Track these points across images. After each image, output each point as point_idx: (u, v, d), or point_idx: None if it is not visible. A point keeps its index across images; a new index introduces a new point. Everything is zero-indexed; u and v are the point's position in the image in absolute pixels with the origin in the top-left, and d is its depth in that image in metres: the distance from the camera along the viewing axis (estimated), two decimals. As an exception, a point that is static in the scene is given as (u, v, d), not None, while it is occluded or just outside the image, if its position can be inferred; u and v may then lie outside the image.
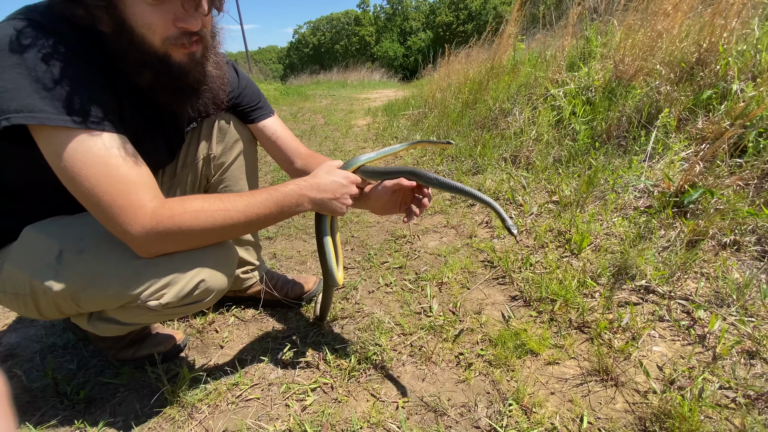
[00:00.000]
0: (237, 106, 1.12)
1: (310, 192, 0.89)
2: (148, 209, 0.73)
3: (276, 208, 0.85)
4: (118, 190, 0.71)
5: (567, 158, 2.20)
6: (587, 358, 1.05)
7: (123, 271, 0.80)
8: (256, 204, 0.83)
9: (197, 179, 1.14)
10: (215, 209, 0.78)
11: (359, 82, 11.98)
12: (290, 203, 0.87)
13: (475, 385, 0.99)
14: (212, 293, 0.89)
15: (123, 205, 0.72)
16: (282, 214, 0.87)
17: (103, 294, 0.80)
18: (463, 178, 2.28)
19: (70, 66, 0.69)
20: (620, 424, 0.86)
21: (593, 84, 2.60)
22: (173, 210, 0.75)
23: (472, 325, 1.19)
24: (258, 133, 1.17)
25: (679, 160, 1.79)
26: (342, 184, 0.93)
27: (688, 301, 1.18)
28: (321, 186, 0.91)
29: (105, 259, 0.80)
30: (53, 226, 0.84)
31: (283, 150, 1.16)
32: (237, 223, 0.81)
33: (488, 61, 3.80)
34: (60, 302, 0.81)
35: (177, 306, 0.85)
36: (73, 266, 0.79)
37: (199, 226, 0.77)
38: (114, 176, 0.71)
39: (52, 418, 0.96)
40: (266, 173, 2.88)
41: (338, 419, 0.92)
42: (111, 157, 0.72)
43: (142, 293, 0.80)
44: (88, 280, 0.79)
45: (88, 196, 0.71)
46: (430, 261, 1.57)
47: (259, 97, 1.16)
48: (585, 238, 1.49)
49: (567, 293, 1.24)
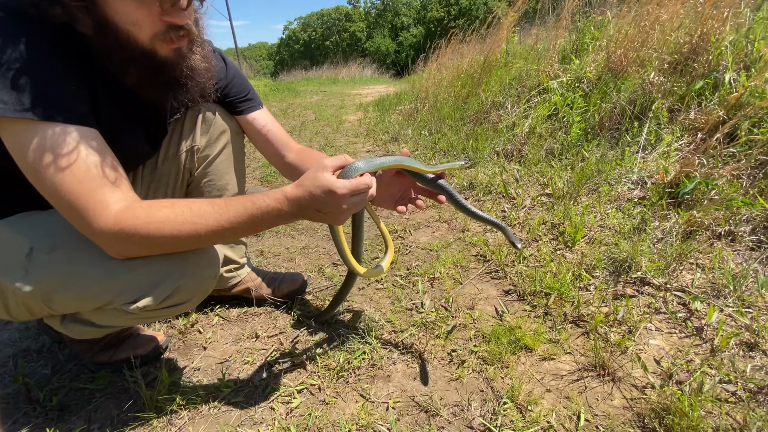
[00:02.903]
0: (225, 97, 1.06)
1: (292, 208, 0.72)
2: (111, 211, 0.68)
3: (250, 223, 0.73)
4: (81, 189, 0.67)
5: (560, 150, 2.17)
6: (583, 353, 1.02)
7: (98, 273, 0.75)
8: (228, 218, 0.72)
9: (180, 173, 1.08)
10: (182, 221, 0.70)
11: (350, 78, 11.88)
12: (267, 219, 0.73)
13: (468, 383, 0.96)
14: (193, 297, 0.85)
15: (86, 205, 0.67)
16: (257, 229, 0.78)
17: (76, 296, 0.76)
18: (455, 172, 2.25)
19: (37, 55, 0.65)
20: (618, 421, 0.83)
21: (586, 76, 2.57)
22: (137, 217, 0.68)
23: (465, 320, 1.16)
24: (246, 125, 1.11)
25: (674, 150, 1.76)
26: (336, 204, 0.70)
27: (684, 293, 1.16)
28: (308, 203, 0.71)
29: (78, 258, 0.75)
30: (24, 222, 0.79)
31: (273, 144, 1.10)
32: (204, 237, 0.73)
33: (481, 54, 3.77)
34: (30, 303, 0.76)
35: (156, 309, 0.81)
36: (44, 265, 0.74)
37: (163, 237, 0.70)
38: (78, 174, 0.66)
39: (24, 427, 0.91)
40: (254, 169, 2.82)
41: (325, 422, 0.88)
42: (77, 153, 0.67)
43: (118, 296, 0.76)
44: (61, 280, 0.74)
45: (51, 192, 0.67)
46: (421, 256, 1.53)
47: (248, 88, 1.11)
48: (579, 231, 1.46)
49: (561, 286, 1.20)
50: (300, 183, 0.72)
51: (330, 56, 18.52)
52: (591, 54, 2.83)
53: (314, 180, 0.70)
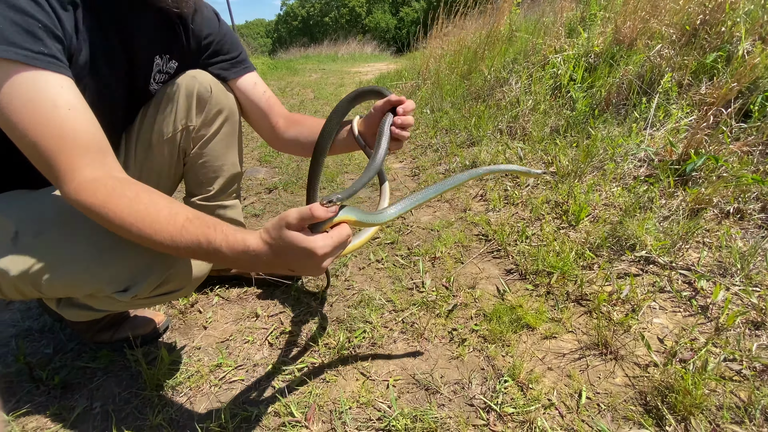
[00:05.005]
0: (215, 54, 1.01)
1: (253, 261, 0.61)
2: (75, 177, 0.63)
3: (201, 256, 0.65)
4: (53, 145, 0.62)
5: (564, 128, 2.12)
6: (586, 332, 1.01)
7: (86, 260, 0.72)
8: (178, 244, 0.63)
9: (174, 153, 1.04)
10: (132, 222, 0.63)
11: (350, 56, 11.61)
12: (219, 261, 0.65)
13: (469, 362, 0.95)
14: (188, 284, 0.83)
15: (54, 163, 0.63)
16: (211, 262, 0.72)
17: (65, 282, 0.73)
18: (458, 151, 2.20)
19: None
20: (620, 399, 0.83)
21: (593, 50, 2.49)
22: (95, 197, 0.63)
23: (466, 300, 1.15)
24: (238, 92, 1.05)
25: (683, 126, 1.71)
26: (316, 265, 0.59)
27: (690, 272, 1.14)
28: (273, 261, 0.60)
29: (66, 244, 0.72)
30: (10, 203, 0.76)
31: (265, 111, 1.05)
32: (153, 246, 0.65)
33: (484, 28, 3.65)
34: (20, 286, 0.74)
35: (148, 298, 0.79)
36: (30, 249, 0.71)
37: (113, 226, 0.64)
38: (52, 128, 0.62)
39: (28, 405, 0.91)
40: (253, 149, 2.78)
41: (326, 399, 0.88)
42: (53, 105, 0.62)
43: (107, 285, 0.74)
44: (47, 266, 0.71)
45: (23, 141, 0.63)
46: (422, 236, 1.52)
47: (240, 48, 1.05)
48: (583, 209, 1.43)
49: (564, 265, 1.19)
50: (267, 240, 0.59)
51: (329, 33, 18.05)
52: (599, 26, 2.74)
53: (282, 239, 0.57)
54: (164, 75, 0.96)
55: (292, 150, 1.09)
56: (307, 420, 0.83)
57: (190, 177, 1.09)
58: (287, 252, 0.58)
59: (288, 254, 0.58)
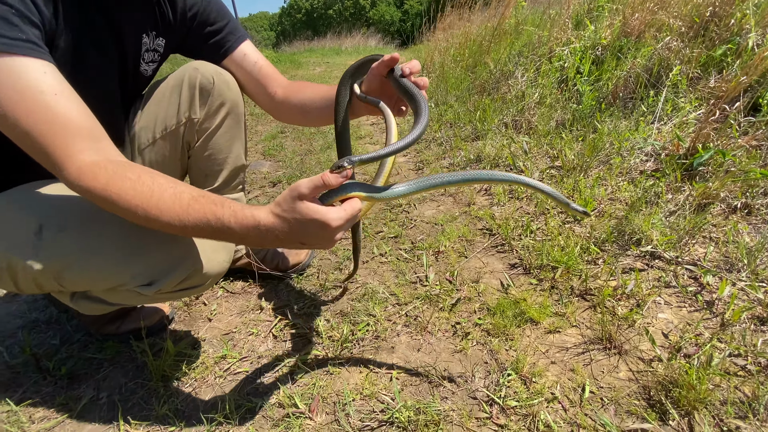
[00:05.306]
0: (202, 26, 0.97)
1: (263, 237, 0.62)
2: (74, 162, 0.62)
3: (209, 234, 0.65)
4: (46, 132, 0.61)
5: (570, 121, 2.10)
6: (590, 327, 1.00)
7: (112, 255, 0.73)
8: (185, 223, 0.63)
9: (178, 145, 1.04)
10: (137, 204, 0.62)
11: (354, 49, 11.53)
12: (228, 237, 0.65)
13: (472, 355, 0.95)
14: (209, 278, 0.84)
15: (50, 151, 0.62)
16: (219, 240, 0.71)
17: (89, 276, 0.74)
18: (462, 145, 2.19)
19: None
20: (624, 393, 0.82)
21: (600, 42, 2.45)
22: (97, 180, 0.62)
23: (470, 294, 1.15)
24: (235, 65, 1.01)
25: (692, 120, 1.69)
26: (329, 236, 0.61)
27: (696, 267, 1.13)
28: (286, 236, 0.61)
29: (93, 239, 0.73)
30: (30, 197, 0.77)
31: (262, 82, 1.02)
32: (159, 226, 0.65)
33: (489, 20, 3.61)
34: (40, 280, 0.75)
35: (170, 292, 0.81)
36: (54, 244, 0.72)
37: (117, 209, 0.64)
38: (42, 115, 0.60)
39: (35, 395, 0.93)
40: (257, 143, 2.77)
41: (330, 392, 0.88)
42: (39, 91, 0.61)
43: (132, 279, 0.75)
44: (72, 260, 0.72)
45: (15, 132, 0.61)
46: (426, 230, 1.51)
47: (227, 16, 1.00)
48: (589, 204, 1.42)
49: (569, 260, 1.18)
50: (278, 213, 0.60)
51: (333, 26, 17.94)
52: (606, 18, 2.70)
53: (296, 212, 0.58)
54: (153, 53, 0.94)
55: (294, 119, 1.06)
56: (311, 411, 0.83)
57: (194, 170, 1.09)
58: (300, 224, 0.58)
59: (301, 226, 0.58)
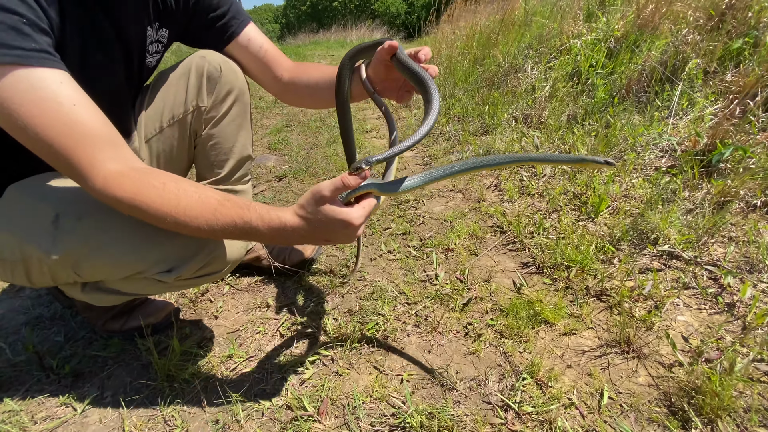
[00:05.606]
0: (205, 12, 0.94)
1: (291, 236, 0.66)
2: (99, 171, 0.62)
3: (237, 237, 0.68)
4: (69, 144, 0.61)
5: (582, 116, 2.05)
6: (606, 329, 0.97)
7: (134, 241, 0.73)
8: (214, 227, 0.65)
9: (186, 134, 1.02)
10: (166, 211, 0.64)
11: (359, 41, 11.43)
12: (258, 238, 0.68)
13: (485, 358, 0.92)
14: (228, 264, 0.85)
15: (73, 162, 0.62)
16: (246, 240, 0.75)
17: (108, 264, 0.74)
18: (471, 139, 2.15)
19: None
20: (644, 399, 0.80)
21: (613, 34, 2.39)
22: (124, 189, 0.63)
23: (481, 293, 1.12)
24: (240, 50, 0.99)
25: (709, 115, 1.64)
26: (351, 234, 0.66)
27: (715, 267, 1.09)
28: (312, 234, 0.65)
29: (110, 226, 0.73)
30: (43, 187, 0.76)
31: (269, 65, 1.00)
32: (187, 231, 0.67)
33: (498, 12, 3.54)
34: (57, 270, 0.74)
35: (189, 279, 0.81)
36: (72, 232, 0.72)
37: (146, 216, 0.65)
38: (62, 127, 0.60)
39: (37, 394, 0.91)
40: (262, 136, 2.74)
41: (339, 394, 0.86)
42: (58, 103, 0.60)
43: (154, 265, 0.75)
44: (92, 248, 0.72)
45: (37, 145, 0.61)
46: (435, 227, 1.48)
47: (230, 1, 0.97)
48: (603, 201, 1.38)
49: (584, 259, 1.15)
50: (303, 215, 0.64)
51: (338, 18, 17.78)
52: (619, 10, 2.63)
53: (320, 213, 0.63)
54: (157, 44, 0.92)
55: (302, 102, 1.04)
56: (320, 414, 0.81)
57: (200, 160, 1.07)
58: (325, 224, 0.63)
59: (325, 226, 0.63)
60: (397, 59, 0.75)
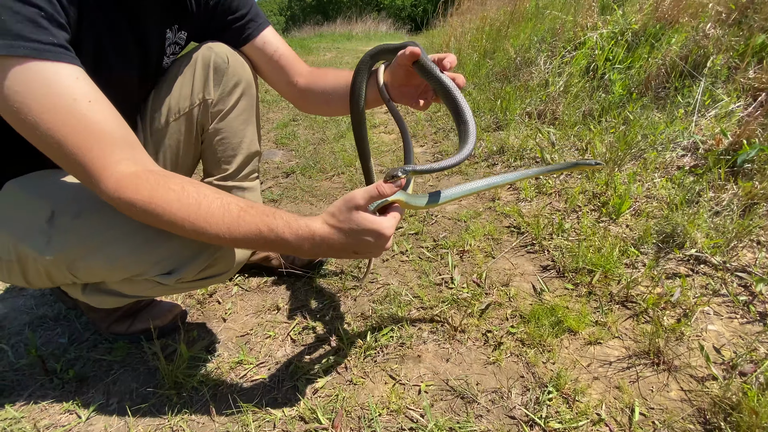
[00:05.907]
0: (224, 14, 0.91)
1: (317, 248, 0.63)
2: (112, 173, 0.59)
3: (258, 246, 0.64)
4: (82, 143, 0.58)
5: (599, 112, 1.99)
6: (633, 338, 0.93)
7: (133, 241, 0.69)
8: (235, 235, 0.62)
9: (192, 129, 0.97)
10: (184, 216, 0.61)
11: (365, 34, 11.29)
12: (280, 248, 0.65)
13: (506, 368, 0.88)
14: (232, 266, 0.81)
15: (85, 162, 0.59)
16: (266, 250, 0.71)
17: (106, 265, 0.70)
18: (483, 135, 2.09)
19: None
20: (677, 416, 0.75)
21: (630, 28, 2.32)
22: (139, 192, 0.60)
23: (500, 298, 1.07)
24: (255, 53, 0.96)
25: (733, 113, 1.58)
26: (382, 245, 0.63)
27: (746, 274, 1.04)
28: (342, 246, 0.62)
29: (108, 225, 0.69)
30: (42, 182, 0.73)
31: (285, 69, 0.96)
32: (206, 238, 0.64)
33: (508, 4, 3.46)
34: (52, 271, 0.71)
35: (192, 281, 0.77)
36: (68, 231, 0.68)
37: (162, 222, 0.62)
38: (76, 125, 0.57)
39: (40, 400, 0.88)
40: (269, 131, 2.69)
41: (353, 404, 0.82)
42: (73, 99, 0.57)
43: (153, 267, 0.71)
44: (89, 248, 0.69)
45: (46, 142, 0.58)
46: (449, 227, 1.43)
47: (249, 3, 0.95)
48: (624, 201, 1.33)
49: (607, 263, 1.10)
50: (334, 224, 0.61)
51: (343, 11, 17.60)
52: (636, 2, 2.55)
53: (353, 222, 0.60)
54: (174, 46, 0.90)
55: (318, 109, 1.01)
56: (335, 427, 0.77)
57: (207, 155, 1.02)
58: (356, 233, 0.60)
59: (357, 236, 0.60)
60: (420, 66, 0.71)
